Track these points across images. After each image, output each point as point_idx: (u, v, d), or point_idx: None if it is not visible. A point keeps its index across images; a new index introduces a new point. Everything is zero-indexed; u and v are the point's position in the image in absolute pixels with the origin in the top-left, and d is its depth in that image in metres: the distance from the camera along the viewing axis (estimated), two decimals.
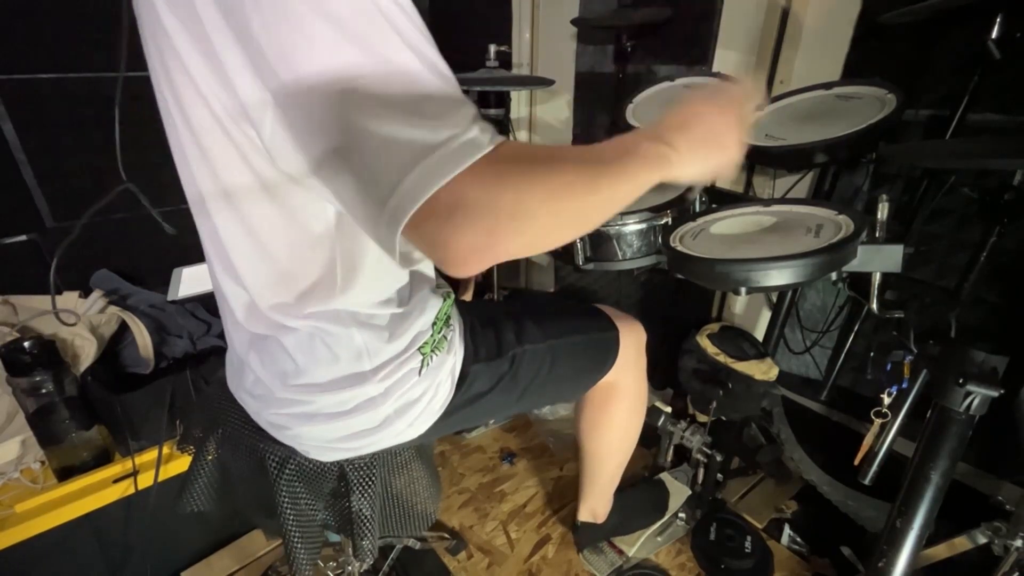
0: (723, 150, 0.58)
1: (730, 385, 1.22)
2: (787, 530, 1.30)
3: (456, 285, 1.05)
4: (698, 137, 0.55)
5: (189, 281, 1.31)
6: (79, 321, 1.09)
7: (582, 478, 1.21)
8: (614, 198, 0.51)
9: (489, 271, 1.76)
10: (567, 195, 0.46)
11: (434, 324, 0.70)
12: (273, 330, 0.60)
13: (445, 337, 0.73)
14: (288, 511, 0.73)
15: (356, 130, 0.40)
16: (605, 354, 0.95)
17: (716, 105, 0.58)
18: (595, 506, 1.24)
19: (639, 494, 1.35)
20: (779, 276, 0.69)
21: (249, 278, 0.58)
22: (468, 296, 1.06)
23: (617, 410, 1.06)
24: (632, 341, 0.99)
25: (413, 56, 0.41)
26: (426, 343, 0.69)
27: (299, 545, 0.74)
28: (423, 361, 0.68)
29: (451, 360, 0.74)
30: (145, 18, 0.49)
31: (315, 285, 0.57)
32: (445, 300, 0.73)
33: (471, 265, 0.44)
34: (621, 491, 1.25)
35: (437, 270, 0.81)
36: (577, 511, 1.26)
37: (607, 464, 1.16)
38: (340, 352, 0.62)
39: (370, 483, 0.74)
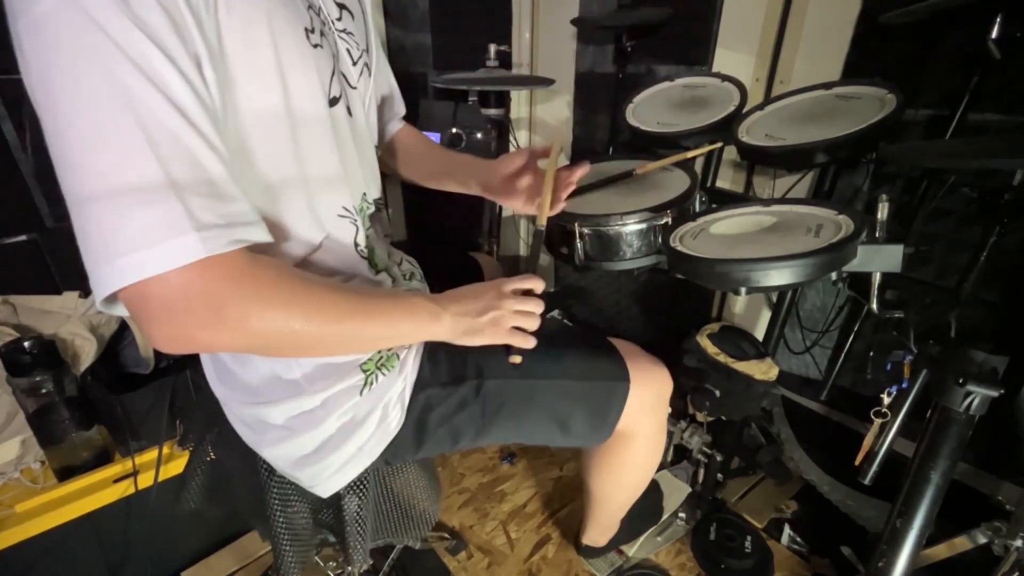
0: (482, 332, 0.65)
1: (730, 385, 1.21)
2: (787, 530, 1.29)
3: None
4: (468, 311, 0.64)
5: None
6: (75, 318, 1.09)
7: (585, 510, 1.16)
8: (362, 335, 0.57)
9: None
10: (306, 315, 0.51)
11: None
12: None
13: (396, 355, 0.69)
14: (278, 514, 0.72)
15: (85, 197, 0.41)
16: (606, 406, 0.81)
17: (495, 294, 0.66)
18: (598, 537, 1.21)
19: (636, 502, 1.33)
20: (779, 276, 0.68)
21: None
22: None
23: (627, 457, 0.94)
24: (651, 390, 0.85)
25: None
26: (369, 360, 0.66)
27: (287, 548, 0.74)
28: (366, 379, 0.66)
29: (400, 383, 0.70)
30: None
31: None
32: None
33: (173, 349, 0.47)
34: None
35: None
36: (581, 532, 1.23)
37: (612, 503, 1.10)
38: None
39: (363, 487, 0.73)
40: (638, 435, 0.90)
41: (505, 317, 0.66)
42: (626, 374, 0.82)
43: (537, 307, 0.68)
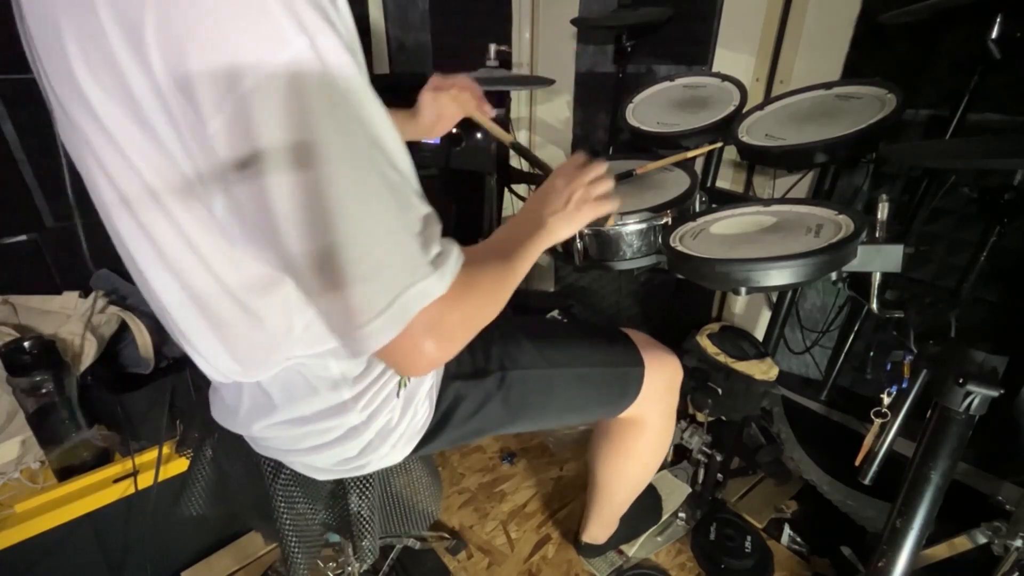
0: (578, 214, 0.69)
1: (730, 385, 1.22)
2: (787, 530, 1.30)
3: None
4: (559, 207, 0.68)
5: None
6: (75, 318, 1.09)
7: (588, 502, 1.16)
8: (520, 277, 0.63)
9: None
10: (500, 293, 0.58)
11: None
12: (247, 377, 0.59)
13: None
14: (284, 515, 0.72)
15: (335, 246, 0.41)
16: (623, 390, 0.88)
17: (564, 181, 0.70)
18: (598, 533, 1.21)
19: (635, 501, 1.33)
20: (779, 276, 0.68)
21: (209, 355, 0.56)
22: None
23: (636, 445, 0.98)
24: (663, 376, 0.91)
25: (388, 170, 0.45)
26: None
27: (296, 549, 0.73)
28: (400, 382, 0.67)
29: (429, 380, 0.71)
30: (49, 70, 0.43)
31: (277, 335, 0.53)
32: None
33: (427, 371, 0.54)
34: None
35: None
36: (581, 529, 1.23)
37: (616, 495, 1.11)
38: (317, 384, 0.60)
39: (368, 485, 0.74)
40: (649, 422, 0.94)
41: (587, 191, 0.70)
42: (640, 359, 0.87)
43: (601, 170, 0.72)
